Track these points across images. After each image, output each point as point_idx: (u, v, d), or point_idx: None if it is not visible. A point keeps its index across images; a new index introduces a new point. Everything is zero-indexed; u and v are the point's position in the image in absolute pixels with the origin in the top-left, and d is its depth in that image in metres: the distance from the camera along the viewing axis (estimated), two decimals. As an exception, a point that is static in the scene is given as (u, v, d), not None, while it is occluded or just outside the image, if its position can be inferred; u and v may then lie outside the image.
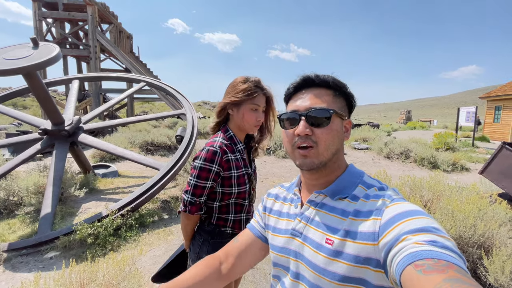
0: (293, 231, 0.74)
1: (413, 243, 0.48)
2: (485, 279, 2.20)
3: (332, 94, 0.71)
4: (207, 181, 1.23)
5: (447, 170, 7.07)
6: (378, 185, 0.69)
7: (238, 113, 1.31)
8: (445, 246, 0.47)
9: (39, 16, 14.59)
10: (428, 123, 30.00)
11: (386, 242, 0.54)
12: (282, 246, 0.76)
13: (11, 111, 4.85)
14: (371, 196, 0.65)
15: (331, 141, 0.68)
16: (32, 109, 23.45)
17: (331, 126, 0.68)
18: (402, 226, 0.53)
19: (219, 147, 1.25)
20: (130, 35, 19.76)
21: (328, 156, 0.68)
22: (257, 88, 1.29)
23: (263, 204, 0.91)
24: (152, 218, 3.79)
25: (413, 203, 0.63)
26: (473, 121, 12.31)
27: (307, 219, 0.72)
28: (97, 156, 6.81)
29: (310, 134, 0.67)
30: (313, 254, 0.66)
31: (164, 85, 5.76)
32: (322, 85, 0.71)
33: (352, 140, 11.12)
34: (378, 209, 0.61)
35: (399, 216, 0.56)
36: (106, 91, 16.15)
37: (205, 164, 1.22)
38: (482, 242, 2.38)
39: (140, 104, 34.81)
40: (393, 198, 0.62)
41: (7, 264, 2.80)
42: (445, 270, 0.42)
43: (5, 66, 3.16)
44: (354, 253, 0.60)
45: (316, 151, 0.67)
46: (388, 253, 0.53)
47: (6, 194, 3.96)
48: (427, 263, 0.44)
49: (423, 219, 0.53)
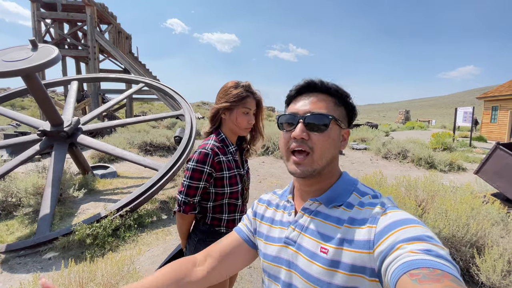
0: (287, 240, 0.72)
1: (408, 252, 0.49)
2: (477, 277, 2.25)
3: (333, 102, 0.70)
4: (200, 182, 1.29)
5: (444, 170, 7.12)
6: (372, 193, 0.69)
7: (230, 117, 1.37)
8: (440, 255, 0.47)
9: (37, 17, 14.57)
10: (427, 123, 30.08)
11: (381, 251, 0.54)
12: (275, 255, 0.73)
13: (9, 112, 4.87)
14: (366, 204, 0.65)
15: (327, 148, 0.67)
16: (30, 110, 23.40)
17: (329, 133, 0.67)
18: (397, 235, 0.53)
19: (210, 149, 1.30)
20: (129, 35, 19.75)
21: (322, 165, 0.67)
22: (248, 92, 1.36)
23: (254, 209, 0.89)
24: (150, 218, 3.81)
25: (407, 203, 0.65)
26: (470, 121, 12.39)
27: (301, 227, 0.71)
28: (96, 157, 6.82)
29: (306, 138, 0.66)
30: (307, 264, 0.65)
31: (163, 86, 5.79)
32: (325, 92, 0.71)
33: (351, 140, 11.17)
34: (373, 217, 0.61)
35: (394, 224, 0.56)
36: (105, 92, 16.13)
37: (197, 165, 1.28)
38: (475, 241, 2.42)
39: (139, 104, 34.78)
40: (387, 206, 0.62)
41: (5, 265, 2.81)
42: (440, 280, 0.42)
43: (4, 68, 3.18)
44: (349, 261, 0.60)
45: (311, 158, 0.66)
46: (383, 261, 0.53)
47: (4, 195, 3.98)
48: (422, 272, 0.44)
49: (418, 227, 0.54)
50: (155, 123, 13.03)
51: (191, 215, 1.34)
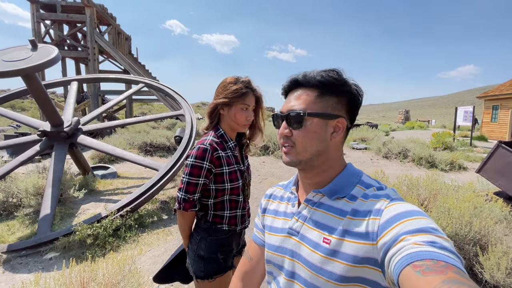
0: (290, 230, 0.73)
1: (412, 244, 0.48)
2: (481, 276, 2.23)
3: (315, 94, 0.69)
4: (199, 178, 1.27)
5: (445, 170, 7.11)
6: (377, 185, 0.68)
7: (229, 112, 1.35)
8: (444, 247, 0.47)
9: (37, 18, 14.57)
10: (427, 123, 30.09)
11: (385, 242, 0.54)
12: (279, 245, 0.75)
13: (9, 113, 4.86)
14: (370, 196, 0.65)
15: (308, 142, 0.68)
16: (30, 111, 23.40)
17: (306, 128, 0.68)
18: (401, 226, 0.53)
19: (209, 144, 1.29)
20: (128, 36, 19.75)
21: (307, 156, 0.69)
22: (247, 88, 1.34)
23: (262, 206, 0.91)
24: (151, 218, 3.80)
25: (410, 202, 0.64)
26: (471, 121, 12.38)
27: (304, 218, 0.72)
28: (96, 157, 6.81)
29: (289, 135, 0.70)
30: (310, 253, 0.66)
31: (163, 86, 5.78)
32: (308, 85, 0.70)
33: (351, 140, 11.16)
34: (377, 208, 0.60)
35: (398, 216, 0.56)
36: (105, 93, 16.12)
37: (196, 161, 1.26)
38: (478, 240, 2.40)
39: (139, 105, 34.77)
40: (392, 198, 0.62)
41: (6, 265, 2.80)
42: (444, 271, 0.42)
43: (4, 68, 3.18)
44: (351, 252, 0.60)
45: (294, 150, 0.70)
46: (387, 253, 0.53)
47: (5, 195, 3.97)
48: (426, 263, 0.44)
49: (422, 219, 0.53)
50: (155, 124, 13.02)
51: (191, 213, 1.32)
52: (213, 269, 1.32)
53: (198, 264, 1.33)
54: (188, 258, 1.39)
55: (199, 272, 1.32)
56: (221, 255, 1.35)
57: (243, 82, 1.34)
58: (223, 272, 1.35)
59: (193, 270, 1.35)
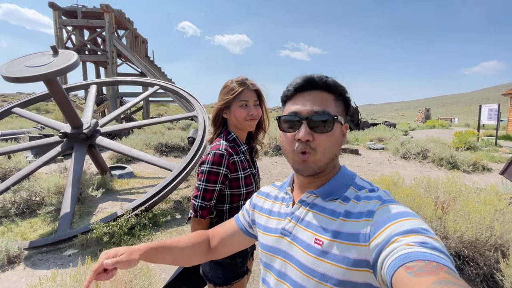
0: (283, 231, 0.74)
1: (404, 245, 0.49)
2: (501, 283, 2.11)
3: (333, 99, 0.69)
4: (216, 184, 1.25)
5: (468, 171, 6.79)
6: (369, 187, 0.69)
7: (230, 113, 1.35)
8: (435, 247, 0.48)
9: (59, 24, 15.26)
10: (449, 122, 28.91)
11: (378, 244, 0.54)
12: (272, 245, 0.76)
13: (33, 116, 5.11)
14: (362, 197, 0.65)
15: (330, 147, 0.67)
16: (54, 113, 24.50)
17: (334, 132, 0.67)
18: (393, 228, 0.54)
19: (225, 149, 1.27)
20: (145, 39, 20.29)
21: (325, 161, 0.68)
22: (241, 86, 1.33)
23: (253, 201, 0.92)
24: (165, 217, 3.88)
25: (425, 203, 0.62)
26: (496, 119, 11.76)
27: (297, 219, 0.72)
28: (114, 157, 7.04)
29: (311, 139, 0.66)
30: (302, 254, 0.66)
31: (177, 88, 5.88)
32: (325, 88, 0.69)
33: (367, 140, 10.90)
34: (369, 210, 0.61)
35: (390, 217, 0.56)
36: (123, 95, 16.65)
37: (212, 167, 1.24)
38: (500, 245, 2.28)
39: (156, 107, 35.64)
40: (384, 200, 0.62)
41: (27, 261, 2.94)
42: (435, 272, 0.43)
43: (27, 73, 3.35)
44: (343, 254, 0.60)
45: (314, 157, 0.66)
46: (379, 254, 0.53)
47: (28, 194, 4.18)
48: (418, 264, 0.45)
49: (413, 220, 0.54)
50: (171, 125, 13.29)
51: (207, 220, 1.30)
52: (231, 275, 1.30)
53: (215, 271, 1.30)
54: (202, 267, 1.36)
55: (216, 279, 1.29)
56: (240, 259, 1.33)
57: (236, 81, 1.34)
58: (241, 277, 1.33)
59: (210, 278, 1.32)
